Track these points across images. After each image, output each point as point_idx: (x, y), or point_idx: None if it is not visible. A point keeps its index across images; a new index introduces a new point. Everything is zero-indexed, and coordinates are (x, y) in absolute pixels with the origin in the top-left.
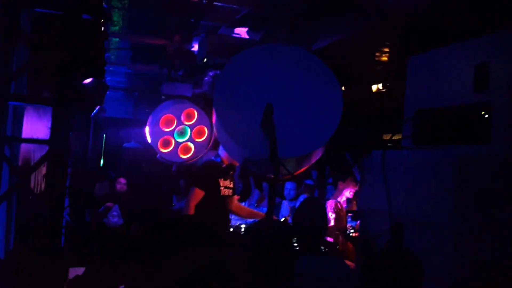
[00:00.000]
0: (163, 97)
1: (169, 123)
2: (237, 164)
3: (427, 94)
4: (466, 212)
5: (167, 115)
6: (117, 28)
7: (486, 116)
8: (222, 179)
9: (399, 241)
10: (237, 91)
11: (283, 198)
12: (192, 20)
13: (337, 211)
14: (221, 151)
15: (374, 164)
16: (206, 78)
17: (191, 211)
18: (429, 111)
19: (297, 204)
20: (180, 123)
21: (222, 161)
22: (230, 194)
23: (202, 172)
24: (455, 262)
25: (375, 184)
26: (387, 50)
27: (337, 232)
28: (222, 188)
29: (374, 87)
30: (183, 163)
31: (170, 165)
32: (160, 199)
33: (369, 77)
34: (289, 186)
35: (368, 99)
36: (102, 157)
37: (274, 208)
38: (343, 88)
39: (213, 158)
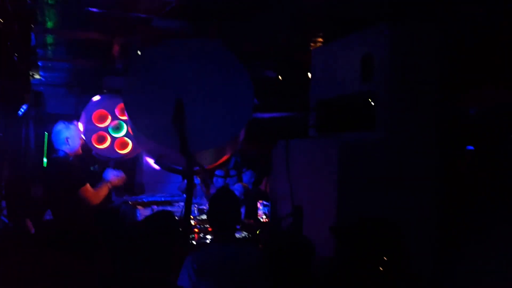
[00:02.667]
0: (105, 91)
1: (102, 119)
2: None
3: (326, 85)
4: (350, 194)
5: (100, 110)
6: (51, 24)
7: (372, 104)
8: None
9: (299, 223)
10: (147, 86)
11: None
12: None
13: (245, 193)
14: (62, 145)
15: (279, 153)
16: None
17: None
18: (327, 101)
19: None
20: (115, 118)
21: (67, 155)
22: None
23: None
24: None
25: (282, 171)
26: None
27: (249, 220)
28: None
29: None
30: (122, 159)
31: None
32: None
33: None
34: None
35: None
36: (44, 156)
37: (191, 202)
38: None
39: None
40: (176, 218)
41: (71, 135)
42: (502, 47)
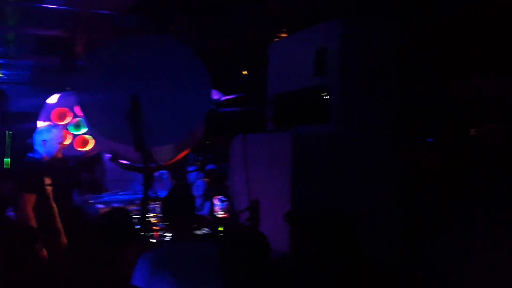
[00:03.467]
0: (68, 88)
1: (62, 117)
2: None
3: (283, 79)
4: (303, 186)
5: (59, 108)
6: (12, 21)
7: (326, 98)
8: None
9: (255, 217)
10: (102, 83)
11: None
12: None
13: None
14: (39, 148)
15: (237, 147)
16: None
17: (30, 217)
18: (284, 95)
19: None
20: (75, 115)
21: (42, 158)
22: (51, 191)
23: (28, 174)
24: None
25: (239, 166)
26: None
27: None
28: (46, 186)
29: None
30: (83, 156)
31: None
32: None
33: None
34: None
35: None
36: (7, 155)
37: (148, 198)
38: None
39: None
40: (132, 216)
41: (49, 138)
42: (460, 40)
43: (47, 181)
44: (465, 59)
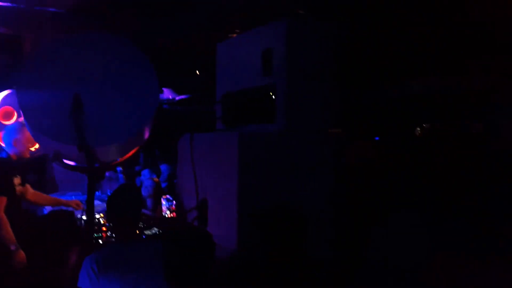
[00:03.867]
0: (15, 87)
1: (8, 116)
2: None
3: (231, 78)
4: (251, 185)
5: (5, 107)
6: None
7: (272, 97)
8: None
9: (203, 216)
10: (44, 81)
11: None
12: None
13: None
14: (8, 147)
15: (185, 146)
16: None
17: (4, 221)
18: (232, 94)
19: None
20: (20, 115)
21: (10, 157)
22: (22, 191)
23: None
24: (240, 223)
25: (187, 165)
26: None
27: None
28: (16, 186)
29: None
30: (30, 156)
31: None
32: None
33: None
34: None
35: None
36: None
37: (93, 199)
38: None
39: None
40: (75, 217)
41: (20, 136)
42: (399, 42)
43: (17, 181)
44: (406, 60)
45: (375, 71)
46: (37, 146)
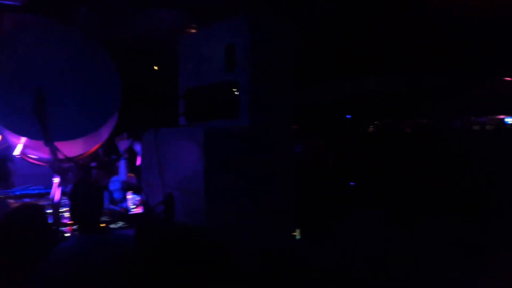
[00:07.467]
0: None
1: None
2: None
3: (195, 73)
4: (216, 180)
5: None
6: None
7: (235, 93)
8: None
9: (170, 210)
10: (5, 76)
11: None
12: None
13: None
14: None
15: (149, 142)
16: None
17: None
18: (195, 89)
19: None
20: None
21: None
22: None
23: None
24: (207, 222)
25: (152, 160)
26: None
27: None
28: None
29: None
30: None
31: None
32: None
33: None
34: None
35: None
36: None
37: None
38: None
39: None
40: (44, 211)
41: None
42: (355, 43)
43: None
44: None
45: (329, 69)
46: None
